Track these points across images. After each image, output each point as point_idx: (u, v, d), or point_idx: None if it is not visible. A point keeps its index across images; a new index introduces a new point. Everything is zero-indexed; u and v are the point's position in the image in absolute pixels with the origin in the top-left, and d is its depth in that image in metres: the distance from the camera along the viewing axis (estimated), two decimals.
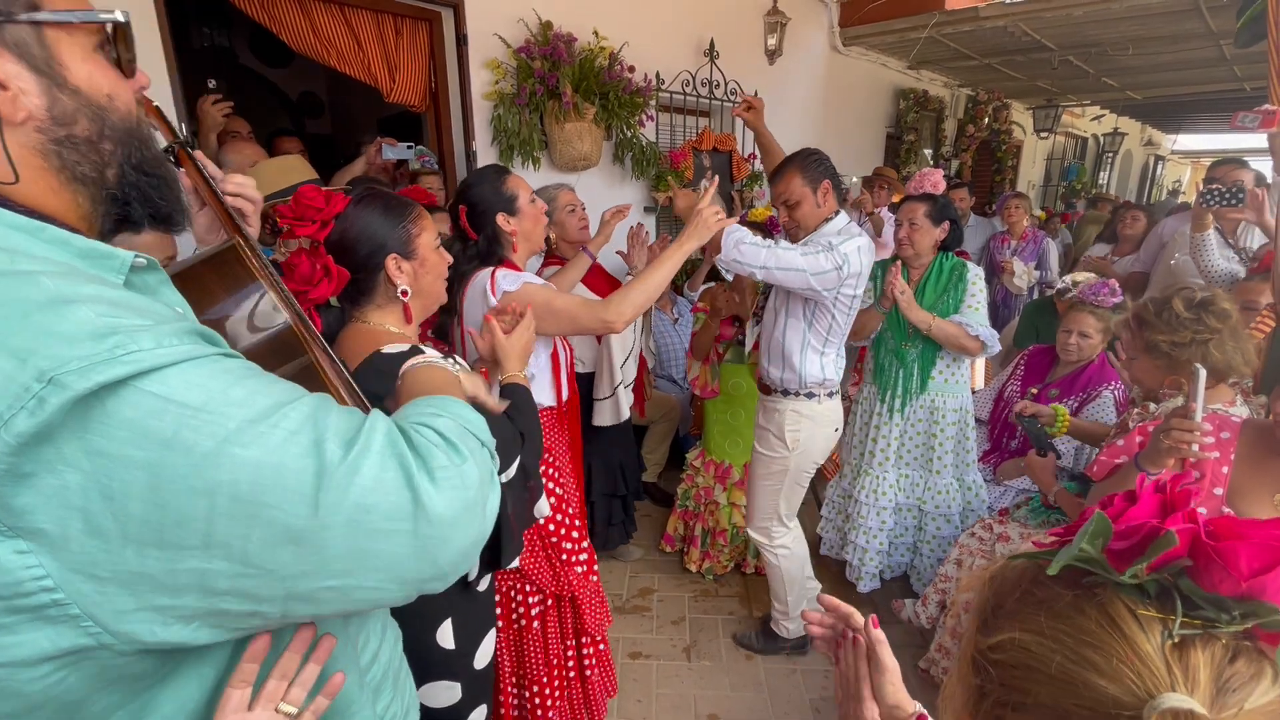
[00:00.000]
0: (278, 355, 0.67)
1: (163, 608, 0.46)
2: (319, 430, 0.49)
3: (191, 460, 0.44)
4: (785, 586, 2.18)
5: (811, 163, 1.88)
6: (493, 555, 1.18)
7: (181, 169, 0.81)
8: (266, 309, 0.67)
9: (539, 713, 1.66)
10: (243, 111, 2.66)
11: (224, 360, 0.49)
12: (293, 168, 1.97)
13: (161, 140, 0.81)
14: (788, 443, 2.00)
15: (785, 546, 2.14)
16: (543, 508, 1.28)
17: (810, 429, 2.01)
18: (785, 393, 2.00)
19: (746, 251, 1.74)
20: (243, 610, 0.49)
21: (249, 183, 0.85)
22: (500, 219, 1.56)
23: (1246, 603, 0.38)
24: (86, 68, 0.52)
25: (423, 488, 0.51)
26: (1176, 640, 0.39)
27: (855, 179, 4.14)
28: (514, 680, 1.67)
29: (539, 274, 2.28)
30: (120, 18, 0.54)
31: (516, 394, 1.21)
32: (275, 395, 0.49)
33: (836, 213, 1.91)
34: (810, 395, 1.99)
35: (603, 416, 2.40)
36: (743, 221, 2.47)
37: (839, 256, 1.77)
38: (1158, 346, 1.48)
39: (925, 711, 0.71)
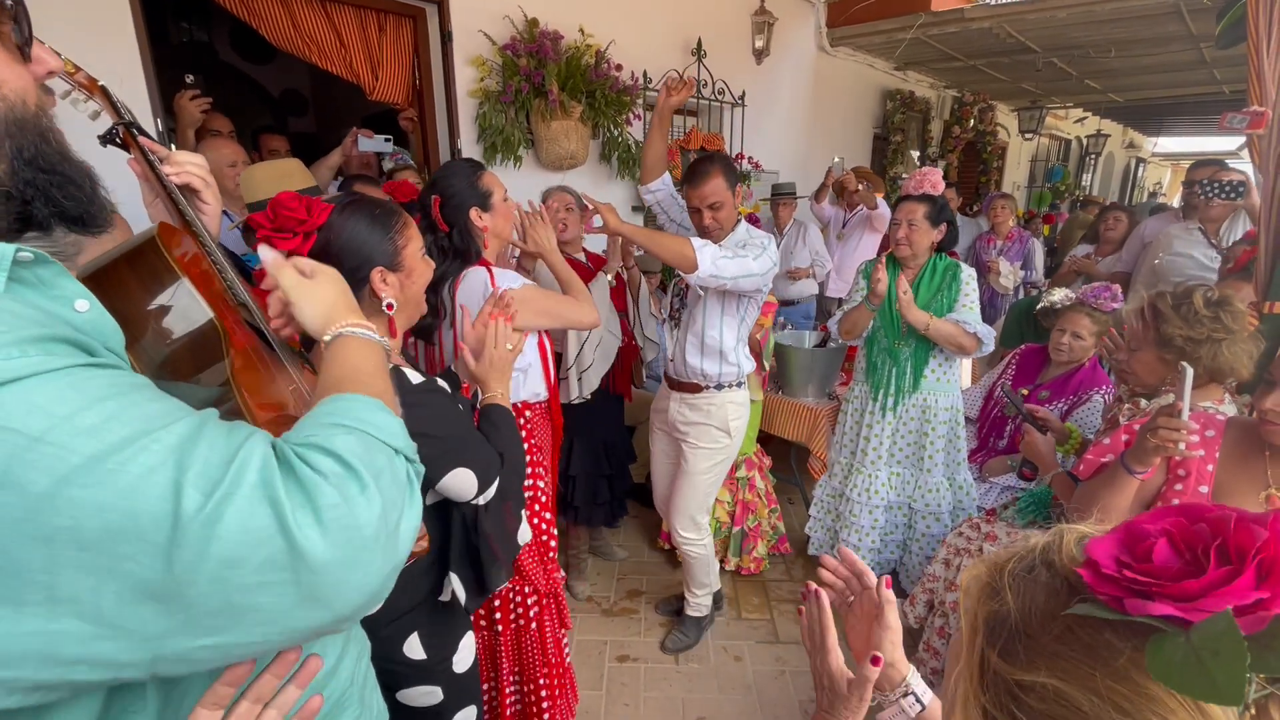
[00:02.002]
0: (196, 355, 0.63)
1: None
2: (182, 466, 0.42)
3: (25, 502, 0.37)
4: (707, 571, 2.32)
5: (730, 166, 1.94)
6: (477, 579, 1.15)
7: (130, 154, 0.77)
8: (186, 306, 0.63)
9: (536, 708, 1.67)
10: (224, 109, 2.61)
11: (82, 374, 0.42)
12: (289, 173, 1.85)
13: (106, 120, 0.78)
14: (731, 432, 2.13)
15: (710, 533, 2.29)
16: (524, 534, 1.25)
17: (745, 415, 2.17)
18: (720, 386, 2.09)
19: (723, 266, 1.79)
20: (99, 680, 0.42)
21: (193, 159, 0.80)
22: (473, 214, 1.54)
23: None
24: None
25: (299, 533, 0.44)
26: (1254, 711, 0.36)
27: (838, 158, 4.14)
28: (513, 680, 1.67)
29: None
30: (8, 2, 0.49)
31: (496, 414, 1.18)
32: (138, 421, 0.42)
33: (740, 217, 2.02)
34: (740, 385, 2.12)
35: (560, 393, 2.44)
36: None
37: (773, 255, 1.91)
38: (1172, 340, 1.47)
39: (915, 671, 0.75)
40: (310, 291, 0.71)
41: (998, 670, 0.43)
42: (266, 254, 0.73)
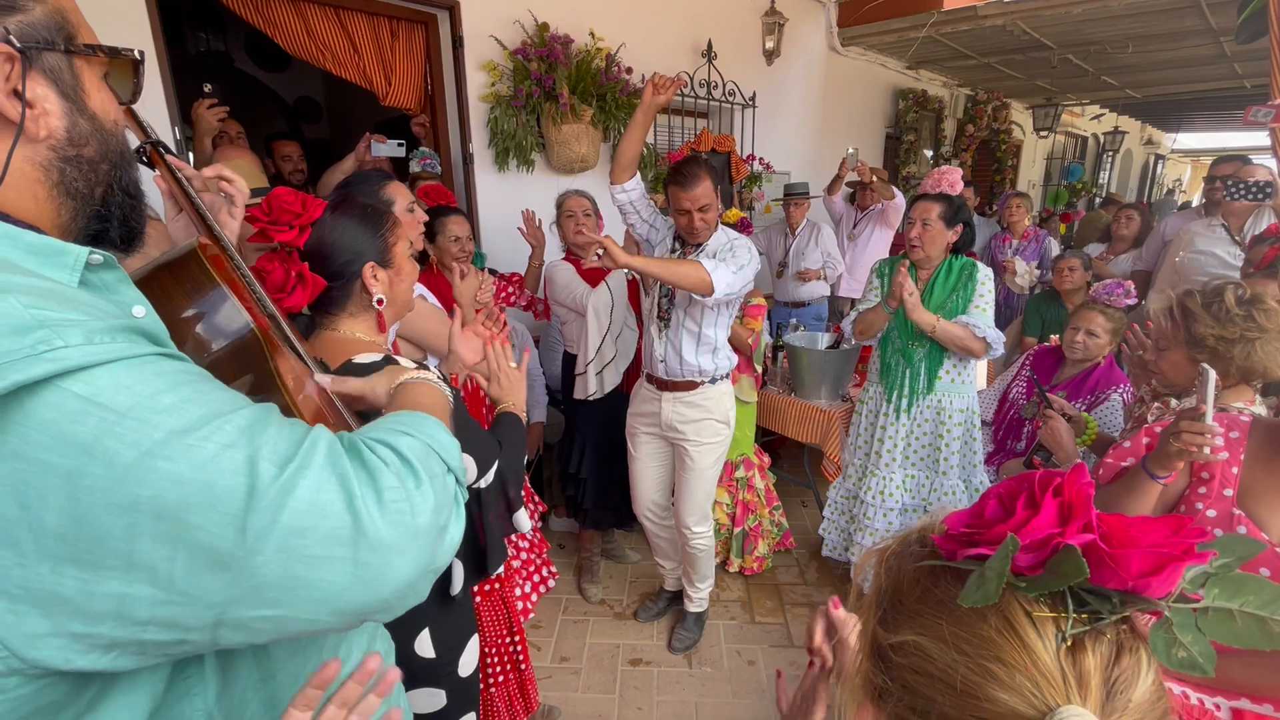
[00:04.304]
0: (238, 362, 0.65)
1: (79, 634, 0.43)
2: (254, 445, 0.46)
3: (112, 472, 0.41)
4: (710, 564, 2.38)
5: (713, 169, 1.99)
6: (478, 563, 1.17)
7: (156, 172, 0.79)
8: (227, 314, 0.65)
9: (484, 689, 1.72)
10: (240, 116, 2.64)
11: (160, 361, 0.46)
12: (240, 172, 1.93)
13: (133, 140, 0.80)
14: (729, 422, 2.23)
15: (712, 523, 2.37)
16: (521, 521, 1.26)
17: (735, 405, 2.27)
18: (713, 380, 2.16)
19: (733, 283, 1.90)
20: (167, 640, 0.45)
21: (236, 178, 0.84)
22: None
23: (1126, 594, 0.40)
24: (100, 96, 0.55)
25: (364, 510, 0.47)
26: (1070, 644, 0.40)
27: (852, 149, 4.08)
28: None
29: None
30: (137, 55, 0.60)
31: (505, 418, 1.21)
32: (210, 404, 0.46)
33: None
34: (725, 376, 2.20)
35: (576, 389, 2.48)
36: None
37: (757, 257, 2.03)
38: (1203, 340, 1.42)
39: None
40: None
41: (877, 637, 0.48)
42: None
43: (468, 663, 1.22)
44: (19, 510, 0.40)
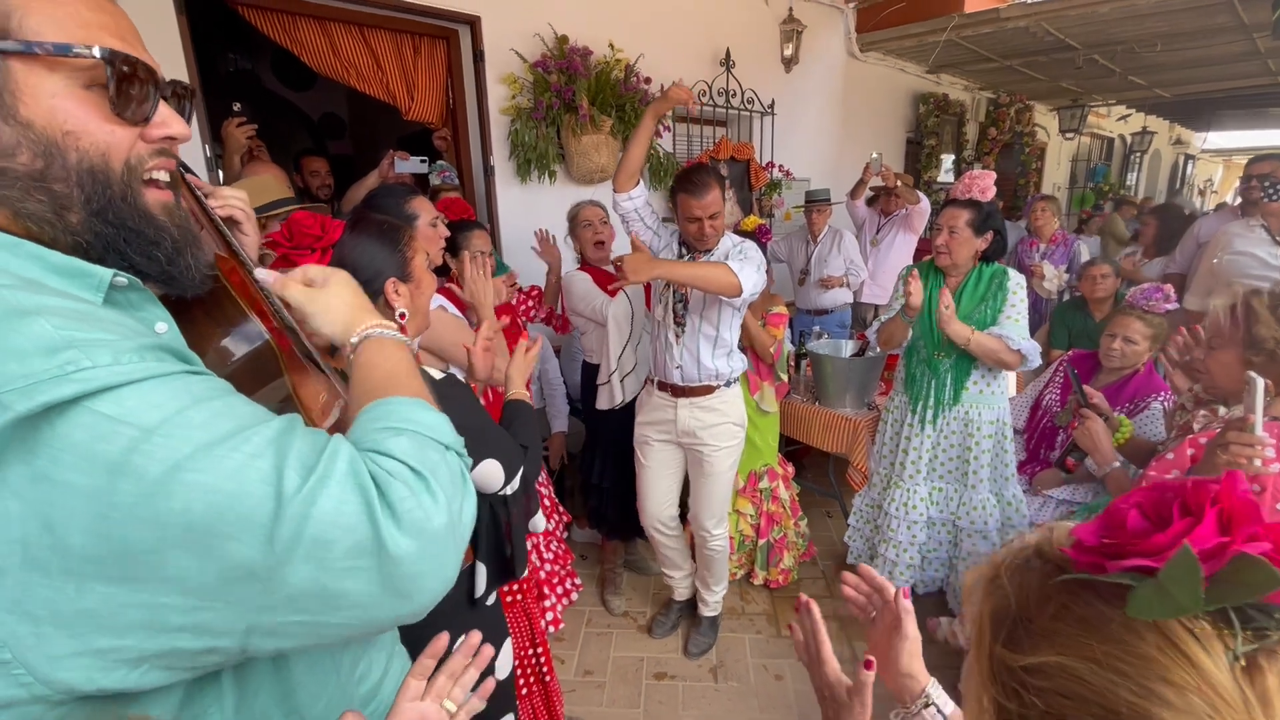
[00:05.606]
0: (253, 373, 0.65)
1: (104, 650, 0.42)
2: (280, 454, 0.46)
3: (141, 488, 0.41)
4: (726, 566, 2.39)
5: (721, 176, 2.00)
6: (504, 567, 1.18)
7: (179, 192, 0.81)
8: (244, 328, 0.65)
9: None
10: (267, 134, 2.69)
11: (187, 379, 0.46)
12: (266, 187, 1.97)
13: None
14: (743, 424, 2.24)
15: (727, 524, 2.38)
16: (538, 523, 1.27)
17: (745, 407, 2.29)
18: (728, 383, 2.17)
19: (756, 284, 1.92)
20: (198, 647, 0.45)
21: (237, 194, 0.85)
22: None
23: None
24: (54, 103, 0.47)
25: (384, 524, 0.47)
26: (1244, 663, 0.37)
27: (876, 154, 4.03)
28: None
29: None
30: (97, 54, 0.48)
31: (522, 408, 1.23)
32: (238, 418, 0.46)
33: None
34: (738, 379, 2.23)
35: (600, 400, 2.46)
36: (735, 230, 2.49)
37: (763, 258, 2.05)
38: (1263, 343, 1.38)
39: (936, 683, 0.76)
40: (323, 301, 0.69)
41: (1003, 660, 0.45)
42: (264, 276, 0.69)
43: (503, 665, 1.24)
44: (44, 533, 0.39)
